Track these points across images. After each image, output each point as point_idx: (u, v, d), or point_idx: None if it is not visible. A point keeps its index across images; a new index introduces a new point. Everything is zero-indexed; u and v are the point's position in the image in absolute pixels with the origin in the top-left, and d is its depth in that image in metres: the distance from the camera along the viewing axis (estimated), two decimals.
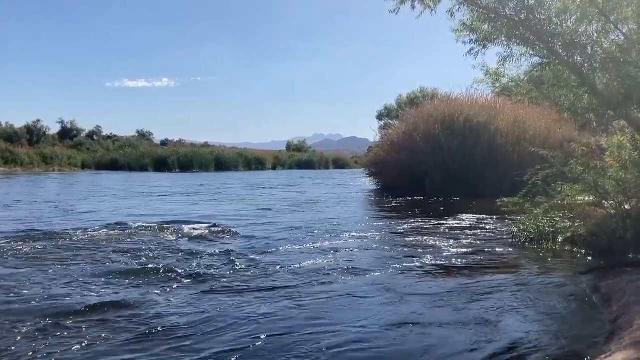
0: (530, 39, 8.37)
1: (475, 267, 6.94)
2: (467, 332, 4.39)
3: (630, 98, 7.88)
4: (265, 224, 11.34)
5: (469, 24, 8.62)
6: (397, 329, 4.47)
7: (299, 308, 5.04)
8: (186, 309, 4.97)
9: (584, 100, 8.66)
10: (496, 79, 9.35)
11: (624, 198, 8.14)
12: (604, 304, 5.13)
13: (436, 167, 19.48)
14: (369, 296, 5.53)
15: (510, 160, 18.20)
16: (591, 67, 8.20)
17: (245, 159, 61.23)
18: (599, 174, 8.16)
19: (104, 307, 4.92)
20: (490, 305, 5.18)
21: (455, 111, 20.05)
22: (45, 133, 64.24)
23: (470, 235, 9.56)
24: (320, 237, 9.37)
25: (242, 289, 5.70)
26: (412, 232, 10.01)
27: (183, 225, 10.26)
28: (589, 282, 6.01)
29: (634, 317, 4.23)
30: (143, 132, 79.51)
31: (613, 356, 3.45)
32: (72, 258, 7.17)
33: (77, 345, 3.99)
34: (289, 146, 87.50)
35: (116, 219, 11.48)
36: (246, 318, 4.70)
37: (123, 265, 6.83)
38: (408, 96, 47.91)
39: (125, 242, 8.43)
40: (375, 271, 6.66)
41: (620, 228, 7.70)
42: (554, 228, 8.66)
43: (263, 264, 6.97)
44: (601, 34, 8.12)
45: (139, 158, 55.30)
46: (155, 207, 15.26)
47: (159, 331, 4.33)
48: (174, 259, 7.27)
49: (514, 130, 19.14)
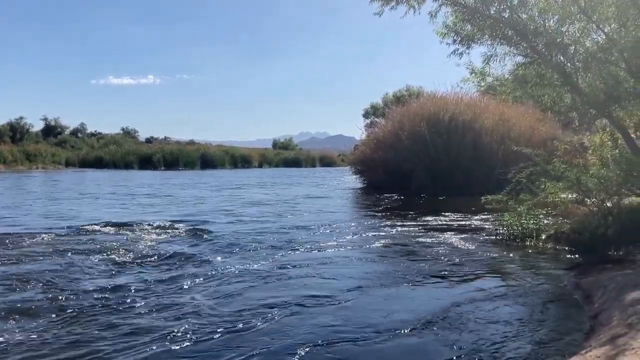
0: (514, 39, 8.45)
1: (458, 265, 6.98)
2: (448, 329, 4.43)
3: (611, 97, 7.99)
4: (243, 223, 11.34)
5: (452, 25, 8.68)
6: (376, 330, 4.49)
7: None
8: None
9: (566, 99, 8.76)
10: (481, 78, 9.39)
11: (606, 196, 8.24)
12: (585, 301, 5.20)
13: (421, 165, 19.57)
14: (336, 297, 5.55)
15: (495, 158, 18.32)
16: (574, 66, 8.29)
17: (232, 157, 60.92)
18: (581, 172, 8.25)
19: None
20: (472, 301, 5.22)
21: (441, 109, 20.15)
22: (29, 130, 63.42)
23: (454, 233, 9.62)
24: (299, 235, 9.41)
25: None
26: (396, 229, 10.05)
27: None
28: (570, 279, 6.08)
29: (614, 313, 4.29)
30: (128, 130, 78.87)
31: (592, 351, 3.49)
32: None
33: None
34: (276, 144, 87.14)
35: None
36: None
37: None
38: (394, 94, 48.02)
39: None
40: (355, 266, 6.70)
41: (602, 225, 7.80)
42: (537, 225, 8.75)
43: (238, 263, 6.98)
44: (583, 33, 8.22)
45: (123, 156, 54.90)
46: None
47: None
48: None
49: (498, 128, 19.28)
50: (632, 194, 8.40)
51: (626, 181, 7.99)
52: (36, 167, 47.97)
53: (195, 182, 28.12)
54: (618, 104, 8.05)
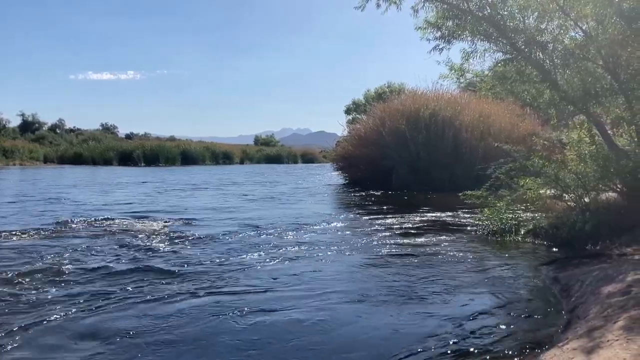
0: (494, 35, 8.50)
1: (439, 259, 7.01)
2: (428, 323, 4.45)
3: (589, 93, 8.08)
4: (227, 219, 11.29)
5: (433, 21, 8.70)
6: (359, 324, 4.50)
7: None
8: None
9: (545, 95, 8.83)
10: (461, 74, 9.44)
11: (584, 191, 8.36)
12: (562, 294, 5.26)
13: (402, 161, 19.65)
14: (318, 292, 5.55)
15: (475, 155, 18.45)
16: (552, 63, 8.37)
17: (212, 153, 60.62)
18: (560, 168, 8.36)
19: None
20: (452, 296, 5.26)
21: (421, 106, 20.22)
22: (5, 126, 62.42)
23: (434, 228, 9.67)
24: (281, 229, 9.39)
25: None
26: (376, 225, 10.06)
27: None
28: (549, 273, 6.15)
29: (590, 307, 4.35)
30: (107, 126, 78.08)
31: (569, 344, 3.53)
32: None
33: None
34: (257, 140, 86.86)
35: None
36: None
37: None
38: (376, 91, 48.07)
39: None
40: (335, 262, 6.71)
41: (580, 220, 7.92)
42: (516, 221, 8.84)
43: (223, 259, 6.94)
44: (562, 30, 8.30)
45: (103, 152, 54.30)
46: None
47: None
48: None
49: (478, 125, 19.42)
50: (608, 189, 8.52)
51: (603, 177, 8.11)
52: (13, 163, 47.26)
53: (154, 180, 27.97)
54: (595, 100, 8.14)
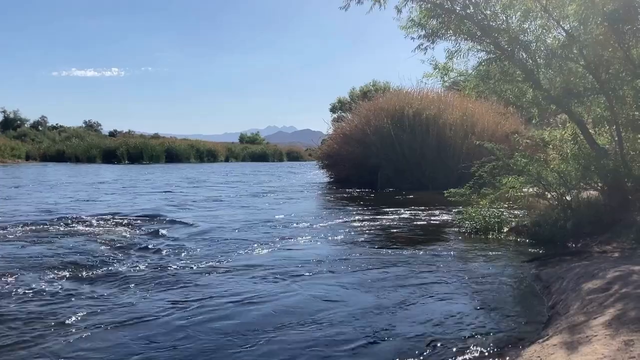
0: (477, 35, 8.55)
1: (421, 257, 7.05)
2: (409, 320, 4.47)
3: (571, 93, 8.16)
4: (216, 217, 11.25)
5: (417, 20, 8.73)
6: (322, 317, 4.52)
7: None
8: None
9: (528, 94, 8.90)
10: (445, 73, 9.48)
11: (565, 190, 8.46)
12: (544, 291, 5.32)
13: (387, 160, 19.72)
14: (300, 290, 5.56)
15: (458, 153, 18.60)
16: (535, 63, 8.44)
17: (197, 150, 60.38)
18: (542, 167, 8.45)
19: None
20: (434, 293, 5.29)
21: (406, 105, 20.30)
22: None
23: (417, 226, 9.73)
24: (265, 228, 9.39)
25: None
26: (359, 223, 10.10)
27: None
28: (530, 271, 6.22)
29: (571, 303, 4.41)
30: (90, 123, 77.32)
31: (550, 340, 3.58)
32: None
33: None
34: (242, 138, 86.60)
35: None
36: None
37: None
38: (361, 89, 48.10)
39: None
40: (319, 260, 6.72)
41: (562, 218, 8.02)
42: (499, 219, 8.92)
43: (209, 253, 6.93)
44: (544, 30, 8.37)
45: (86, 150, 53.80)
46: None
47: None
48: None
49: (462, 123, 19.53)
50: (590, 188, 8.63)
51: (584, 176, 8.22)
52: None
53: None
54: (577, 99, 8.23)
